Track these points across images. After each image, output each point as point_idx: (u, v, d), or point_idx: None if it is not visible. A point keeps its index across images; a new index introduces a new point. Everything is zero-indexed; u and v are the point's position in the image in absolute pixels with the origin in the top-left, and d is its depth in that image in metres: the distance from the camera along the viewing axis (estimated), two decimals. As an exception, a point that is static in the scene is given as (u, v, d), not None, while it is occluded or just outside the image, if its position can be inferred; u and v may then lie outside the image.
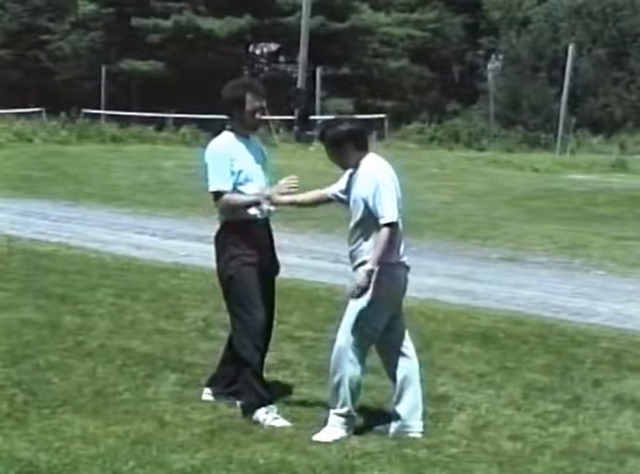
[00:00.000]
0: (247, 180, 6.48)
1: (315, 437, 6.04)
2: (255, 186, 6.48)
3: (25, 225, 16.08)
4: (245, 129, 6.59)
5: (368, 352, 6.23)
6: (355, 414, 6.15)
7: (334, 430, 6.08)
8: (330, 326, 9.10)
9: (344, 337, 6.10)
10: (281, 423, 6.27)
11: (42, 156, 26.98)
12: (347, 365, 6.07)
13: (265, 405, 6.33)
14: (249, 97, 6.49)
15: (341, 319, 6.24)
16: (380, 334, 6.21)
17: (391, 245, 6.06)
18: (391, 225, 5.99)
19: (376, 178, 6.06)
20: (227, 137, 6.57)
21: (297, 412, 6.56)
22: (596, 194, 22.84)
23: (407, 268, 6.31)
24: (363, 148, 6.20)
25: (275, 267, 6.68)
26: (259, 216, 6.52)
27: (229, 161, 6.44)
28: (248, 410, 6.36)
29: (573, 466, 5.83)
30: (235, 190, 6.44)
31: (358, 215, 6.09)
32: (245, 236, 6.45)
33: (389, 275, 6.10)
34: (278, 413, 6.35)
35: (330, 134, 6.22)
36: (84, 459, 5.56)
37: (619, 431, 6.52)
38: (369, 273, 5.97)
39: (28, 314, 9.18)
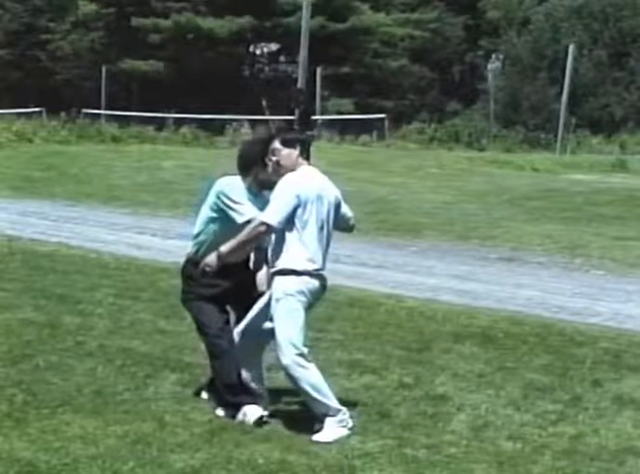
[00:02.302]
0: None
1: (315, 438, 6.05)
2: None
3: (25, 225, 16.09)
4: (260, 187, 6.48)
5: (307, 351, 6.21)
6: (340, 407, 6.15)
7: (332, 430, 6.09)
8: (330, 326, 9.13)
9: (285, 354, 6.11)
10: (257, 412, 6.27)
11: (43, 156, 26.99)
12: (299, 374, 6.10)
13: (245, 406, 6.34)
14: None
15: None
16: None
17: (288, 250, 6.12)
18: (263, 224, 6.04)
19: (281, 183, 6.16)
20: (239, 182, 6.51)
21: (297, 412, 6.56)
22: (596, 194, 22.84)
23: (323, 284, 6.30)
24: (305, 158, 6.32)
25: (248, 284, 6.59)
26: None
27: (247, 197, 6.42)
28: (231, 410, 6.39)
29: (572, 466, 5.84)
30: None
31: None
32: (196, 274, 6.45)
33: (312, 284, 6.17)
34: (265, 410, 6.36)
35: (281, 136, 6.34)
36: (84, 459, 5.56)
37: (619, 430, 6.53)
38: (218, 253, 6.17)
39: (27, 314, 9.18)
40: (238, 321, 6.61)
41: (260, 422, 6.26)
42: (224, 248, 6.17)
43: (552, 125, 43.44)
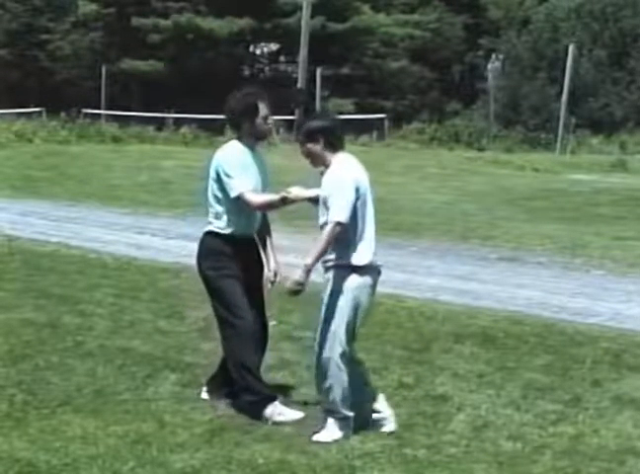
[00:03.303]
0: (254, 190, 6.47)
1: (315, 438, 6.05)
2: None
3: (25, 225, 16.09)
4: (255, 138, 6.59)
5: (349, 350, 6.13)
6: (350, 414, 6.13)
7: (332, 431, 6.09)
8: (330, 326, 9.10)
9: (326, 345, 6.05)
10: (289, 416, 6.29)
11: (43, 156, 26.99)
12: (334, 372, 6.05)
13: (270, 403, 6.35)
14: (261, 104, 6.53)
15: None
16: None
17: (359, 247, 6.02)
18: (338, 224, 5.93)
19: (336, 177, 6.03)
20: (236, 146, 6.56)
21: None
22: (596, 194, 22.86)
23: (378, 272, 6.21)
24: (335, 147, 6.14)
25: (260, 276, 6.65)
26: (247, 232, 6.53)
27: (243, 167, 6.45)
28: (253, 410, 6.37)
29: (572, 466, 5.83)
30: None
31: (322, 215, 6.10)
32: (227, 249, 6.47)
33: (359, 277, 6.06)
34: (282, 405, 6.38)
35: (303, 129, 6.22)
36: (84, 459, 5.56)
37: (619, 430, 6.52)
38: (306, 268, 5.97)
39: (28, 314, 9.18)
40: None
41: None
42: (310, 260, 5.98)
43: (552, 125, 43.48)
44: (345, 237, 6.00)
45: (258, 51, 57.85)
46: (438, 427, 6.41)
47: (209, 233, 6.56)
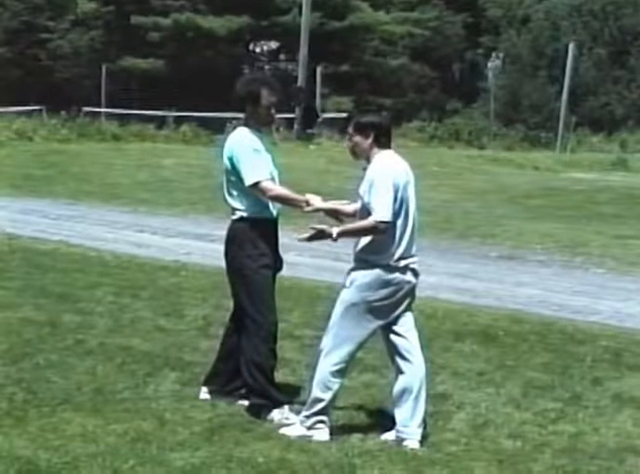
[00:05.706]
0: (271, 175, 6.44)
1: (282, 430, 6.09)
2: (276, 180, 6.47)
3: (25, 223, 16.08)
4: (259, 124, 6.54)
5: (352, 355, 6.09)
6: (325, 418, 6.04)
7: (300, 429, 6.08)
8: (330, 324, 9.11)
9: (326, 351, 6.02)
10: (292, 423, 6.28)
11: (43, 154, 26.97)
12: (327, 384, 6.01)
13: (279, 407, 6.36)
14: (264, 92, 6.45)
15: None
16: (383, 333, 6.15)
17: (381, 244, 5.91)
18: (380, 223, 5.82)
19: (375, 174, 5.92)
20: (244, 132, 6.49)
21: (297, 411, 6.55)
22: (596, 192, 22.86)
23: (410, 271, 6.02)
24: (383, 144, 6.04)
25: (280, 264, 6.65)
26: (274, 215, 6.50)
27: (256, 152, 6.39)
28: (260, 411, 6.36)
29: (572, 464, 5.84)
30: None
31: (359, 210, 6.05)
32: (263, 235, 6.39)
33: (378, 276, 5.94)
34: (290, 411, 6.37)
35: (354, 121, 6.09)
36: (84, 457, 5.55)
37: (619, 429, 6.53)
38: (332, 229, 5.95)
39: (28, 313, 9.18)
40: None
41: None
42: (338, 228, 5.93)
43: (552, 124, 43.45)
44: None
45: (257, 50, 57.80)
46: (438, 425, 6.41)
47: (240, 219, 6.42)
